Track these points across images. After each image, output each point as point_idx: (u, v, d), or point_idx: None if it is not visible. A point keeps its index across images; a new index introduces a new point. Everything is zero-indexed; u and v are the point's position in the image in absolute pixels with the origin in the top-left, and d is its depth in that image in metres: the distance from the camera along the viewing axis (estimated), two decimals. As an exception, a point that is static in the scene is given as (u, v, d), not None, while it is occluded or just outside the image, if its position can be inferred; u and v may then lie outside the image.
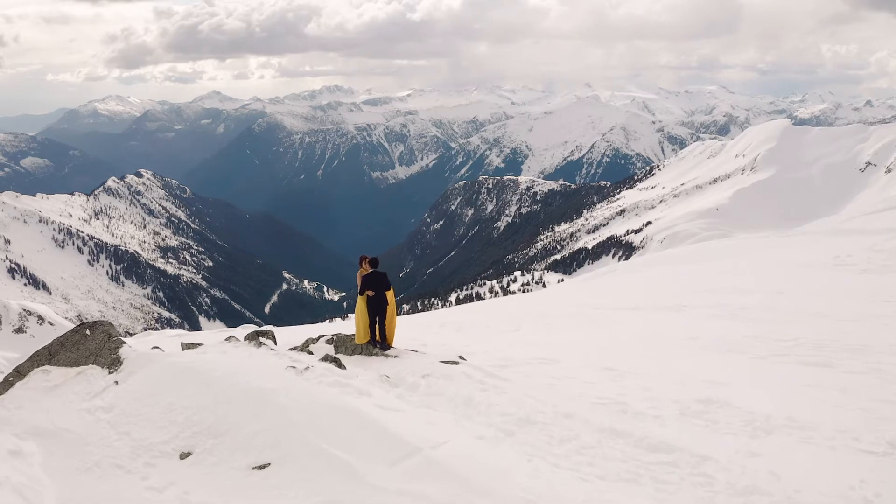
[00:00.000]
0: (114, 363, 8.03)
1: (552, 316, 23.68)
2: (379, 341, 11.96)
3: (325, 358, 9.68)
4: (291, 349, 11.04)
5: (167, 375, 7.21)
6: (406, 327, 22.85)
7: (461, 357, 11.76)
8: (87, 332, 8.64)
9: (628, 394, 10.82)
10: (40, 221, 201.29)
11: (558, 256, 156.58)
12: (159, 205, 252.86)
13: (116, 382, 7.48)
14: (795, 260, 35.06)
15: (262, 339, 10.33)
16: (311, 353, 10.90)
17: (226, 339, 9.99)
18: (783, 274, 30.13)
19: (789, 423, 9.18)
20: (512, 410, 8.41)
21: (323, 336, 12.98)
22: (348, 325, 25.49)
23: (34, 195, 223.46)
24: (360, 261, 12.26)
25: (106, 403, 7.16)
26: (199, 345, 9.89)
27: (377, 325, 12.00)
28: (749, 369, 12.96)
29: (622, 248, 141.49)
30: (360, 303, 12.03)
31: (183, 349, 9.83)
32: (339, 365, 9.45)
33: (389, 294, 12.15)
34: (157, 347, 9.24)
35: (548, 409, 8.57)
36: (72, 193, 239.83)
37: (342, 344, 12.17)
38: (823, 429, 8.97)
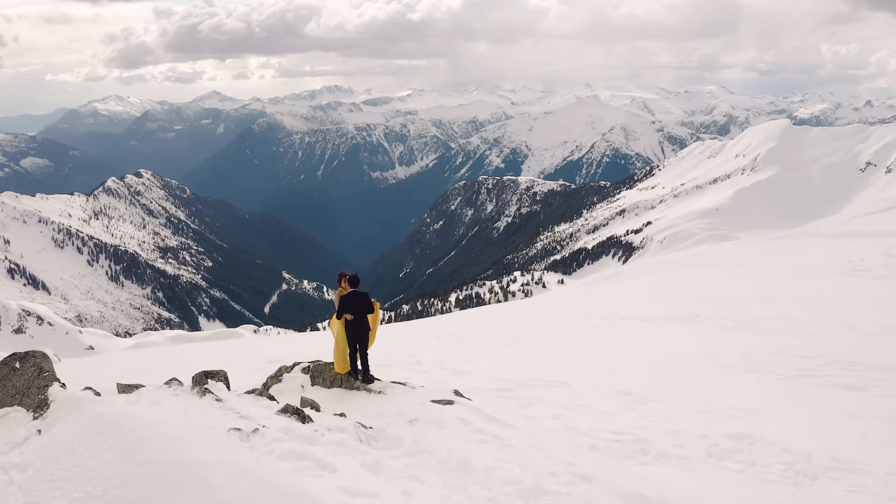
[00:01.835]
0: (41, 406, 6.89)
1: (556, 327, 22.36)
2: (361, 372, 10.44)
3: (286, 410, 7.84)
4: (249, 392, 9.12)
5: (90, 431, 5.94)
6: (402, 340, 21.76)
7: (457, 392, 10.25)
8: (17, 364, 7.55)
9: (648, 427, 9.69)
10: (40, 221, 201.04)
11: (558, 257, 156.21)
12: (159, 205, 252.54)
13: (39, 431, 6.43)
14: (808, 265, 33.99)
15: (210, 381, 8.58)
16: (272, 397, 8.92)
17: (166, 383, 8.13)
18: (797, 280, 29.08)
19: (834, 465, 8.08)
20: (517, 475, 6.72)
21: (299, 364, 11.36)
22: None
23: (34, 195, 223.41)
24: (338, 278, 10.73)
25: (23, 460, 6.05)
26: (138, 387, 8.24)
27: (358, 354, 10.46)
28: (777, 393, 11.94)
29: (622, 248, 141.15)
30: (339, 328, 10.45)
31: (119, 391, 8.32)
32: (303, 418, 7.68)
33: (373, 318, 10.51)
34: (90, 388, 7.59)
35: (561, 469, 6.97)
36: (71, 193, 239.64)
37: (319, 374, 10.74)
38: (874, 472, 7.91)
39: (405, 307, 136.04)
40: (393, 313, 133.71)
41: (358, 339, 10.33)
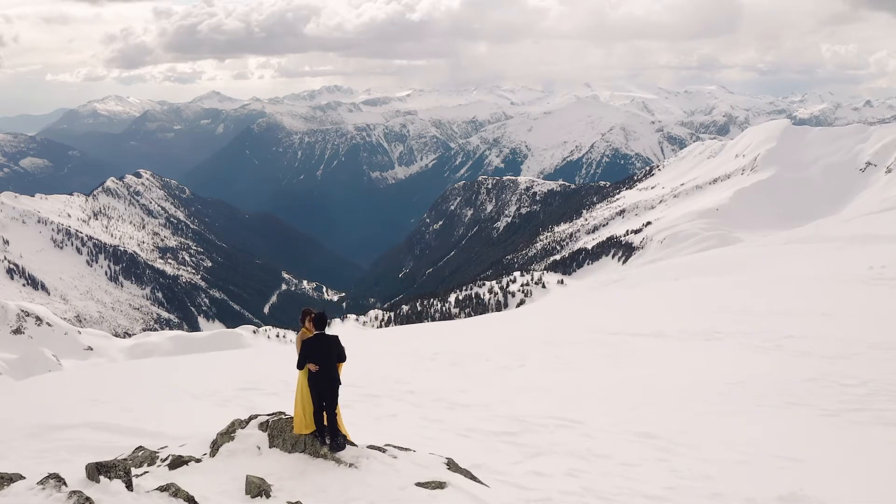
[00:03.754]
0: None
1: (561, 343, 20.54)
2: (328, 434, 8.44)
3: None
4: (163, 487, 6.71)
5: None
6: (394, 360, 20.08)
7: (450, 464, 8.07)
8: None
9: (683, 487, 8.24)
10: (39, 222, 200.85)
11: (558, 257, 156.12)
12: (158, 205, 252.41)
13: None
14: (827, 272, 32.39)
15: (103, 479, 6.49)
16: (189, 498, 6.60)
17: (40, 483, 6.09)
18: (820, 290, 27.42)
19: None
20: None
21: (256, 417, 9.41)
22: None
23: (33, 195, 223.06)
24: (301, 316, 8.76)
25: None
26: (14, 480, 6.31)
27: (325, 412, 8.48)
28: (823, 435, 10.47)
29: (622, 248, 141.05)
30: (301, 379, 8.53)
31: None
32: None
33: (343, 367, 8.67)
34: None
35: None
36: (71, 194, 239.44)
37: (280, 434, 8.82)
38: None
39: (405, 307, 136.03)
40: (392, 314, 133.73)
41: (325, 394, 8.37)
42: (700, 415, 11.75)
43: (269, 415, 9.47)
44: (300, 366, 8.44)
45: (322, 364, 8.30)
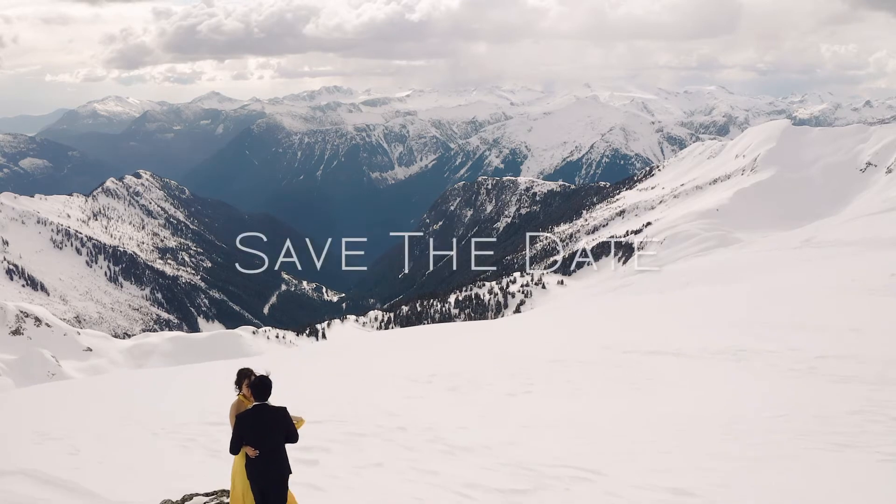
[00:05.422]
0: None
1: (570, 364, 18.58)
2: None
3: None
4: None
5: None
6: (384, 384, 18.30)
7: None
8: None
9: None
10: (38, 222, 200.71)
11: (558, 257, 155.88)
12: (158, 205, 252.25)
13: None
14: (846, 279, 30.31)
15: None
16: None
17: None
18: (843, 301, 25.54)
19: None
20: None
21: (193, 498, 7.70)
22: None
23: (33, 196, 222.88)
24: (237, 379, 7.05)
25: None
26: None
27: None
28: (889, 488, 8.73)
29: (622, 248, 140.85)
30: (238, 464, 6.62)
31: None
32: None
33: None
34: None
35: None
36: (70, 194, 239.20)
37: None
38: None
39: (405, 308, 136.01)
40: (392, 314, 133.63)
41: (267, 487, 6.28)
42: (741, 461, 9.92)
43: (206, 495, 7.66)
44: (234, 449, 6.39)
45: (263, 447, 6.22)
